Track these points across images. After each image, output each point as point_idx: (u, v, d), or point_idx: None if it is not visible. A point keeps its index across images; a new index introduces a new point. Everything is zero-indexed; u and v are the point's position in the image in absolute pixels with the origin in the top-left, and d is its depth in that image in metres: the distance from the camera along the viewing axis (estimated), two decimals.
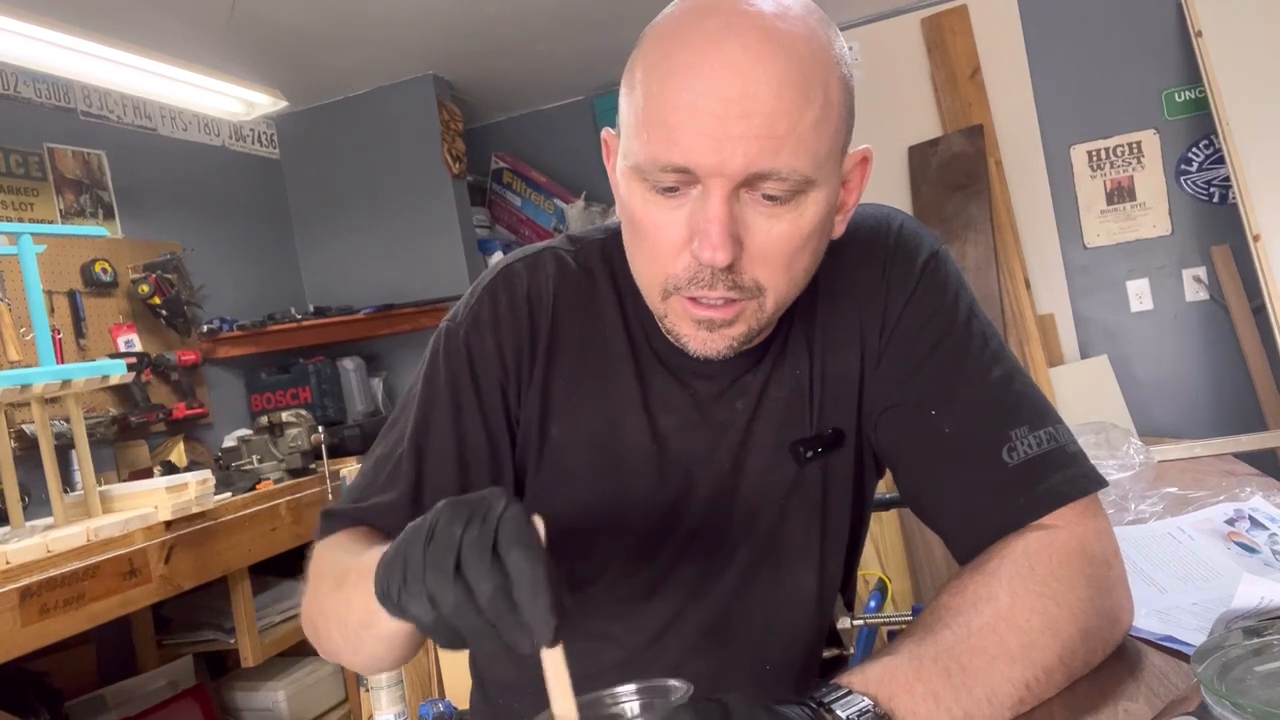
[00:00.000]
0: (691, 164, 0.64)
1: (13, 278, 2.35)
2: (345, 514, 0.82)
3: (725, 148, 0.63)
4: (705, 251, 0.65)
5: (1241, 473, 1.40)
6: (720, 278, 0.67)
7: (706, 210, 0.65)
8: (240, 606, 2.32)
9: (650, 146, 0.66)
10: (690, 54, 0.64)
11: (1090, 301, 3.27)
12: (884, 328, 0.80)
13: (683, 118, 0.63)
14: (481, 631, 0.52)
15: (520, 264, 0.85)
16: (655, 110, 0.65)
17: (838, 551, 0.86)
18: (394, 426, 0.85)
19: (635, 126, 0.68)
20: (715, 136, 0.63)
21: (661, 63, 0.66)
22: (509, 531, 0.52)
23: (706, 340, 0.71)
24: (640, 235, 0.71)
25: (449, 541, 0.53)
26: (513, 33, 3.08)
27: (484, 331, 0.82)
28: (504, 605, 0.51)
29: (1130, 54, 3.17)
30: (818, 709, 0.58)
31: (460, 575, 0.52)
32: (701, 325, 0.70)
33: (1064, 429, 0.76)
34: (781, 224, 0.67)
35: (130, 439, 2.66)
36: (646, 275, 0.73)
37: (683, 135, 0.64)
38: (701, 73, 0.63)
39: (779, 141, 0.63)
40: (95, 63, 2.31)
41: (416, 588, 0.53)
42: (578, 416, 0.82)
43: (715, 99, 0.62)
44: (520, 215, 3.89)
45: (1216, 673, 0.54)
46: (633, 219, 0.71)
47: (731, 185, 0.64)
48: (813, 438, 0.81)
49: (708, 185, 0.65)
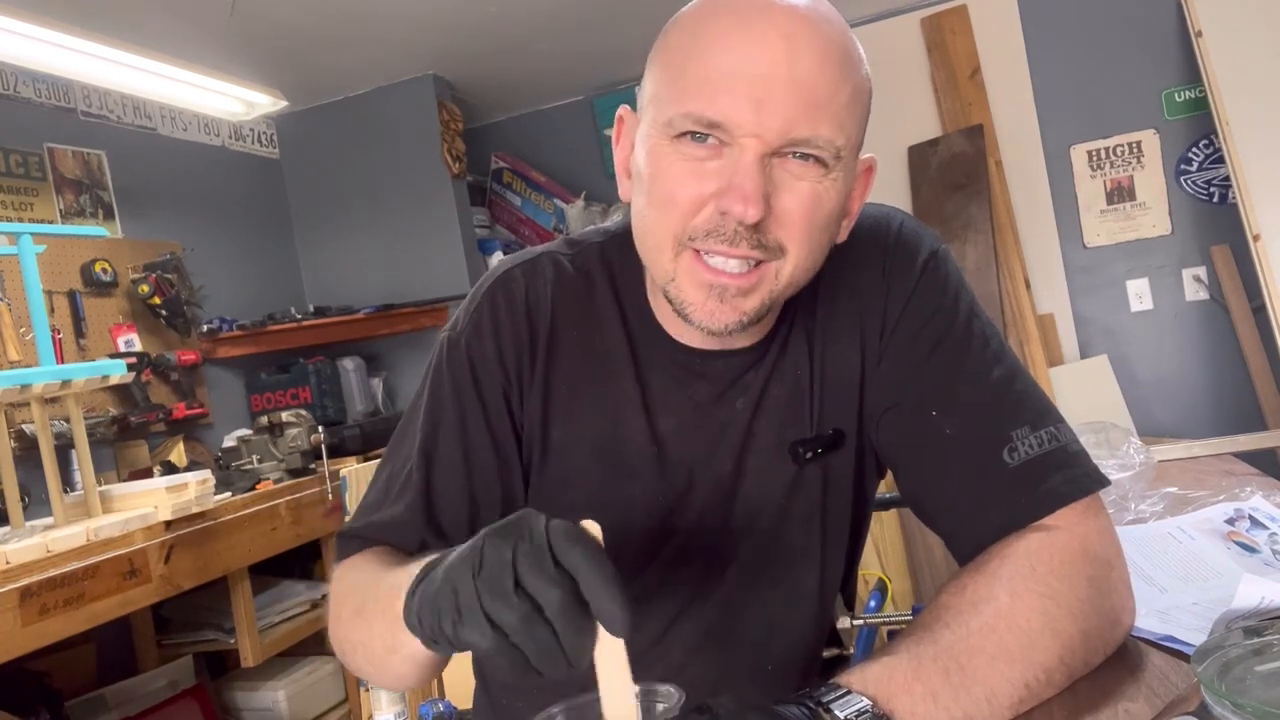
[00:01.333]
0: (730, 122, 0.65)
1: (13, 278, 2.35)
2: (361, 535, 0.83)
3: (766, 109, 0.64)
4: (737, 205, 0.65)
5: (1241, 473, 1.40)
6: (743, 234, 0.67)
7: (740, 166, 0.65)
8: (240, 606, 2.32)
9: (688, 102, 0.66)
10: (737, 19, 0.65)
11: (1090, 301, 3.27)
12: (884, 327, 0.80)
13: (725, 77, 0.64)
14: (547, 647, 0.51)
15: (518, 269, 0.85)
16: (697, 70, 0.66)
17: (838, 551, 0.86)
18: (402, 440, 0.85)
19: (672, 88, 0.68)
20: (758, 98, 0.64)
21: (704, 26, 0.67)
22: (563, 537, 0.52)
23: (715, 311, 0.70)
24: (659, 188, 0.69)
25: (501, 563, 0.52)
26: (513, 33, 3.08)
27: (484, 338, 0.82)
28: (573, 609, 0.50)
29: (1130, 54, 3.17)
30: (816, 708, 0.58)
31: (521, 591, 0.51)
32: (712, 293, 0.69)
33: (1066, 428, 0.75)
34: (805, 185, 0.67)
35: (130, 439, 2.66)
36: (659, 230, 0.71)
37: (723, 94, 0.64)
38: (747, 35, 0.64)
39: (818, 110, 0.65)
40: (95, 63, 2.31)
41: (474, 617, 0.52)
42: (578, 419, 0.82)
43: (761, 61, 0.64)
44: (520, 215, 3.89)
45: (1216, 673, 0.54)
46: (654, 174, 0.70)
47: (766, 149, 0.65)
48: (812, 438, 0.81)
49: (743, 146, 0.65)
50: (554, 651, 0.51)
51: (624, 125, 0.77)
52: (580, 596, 0.51)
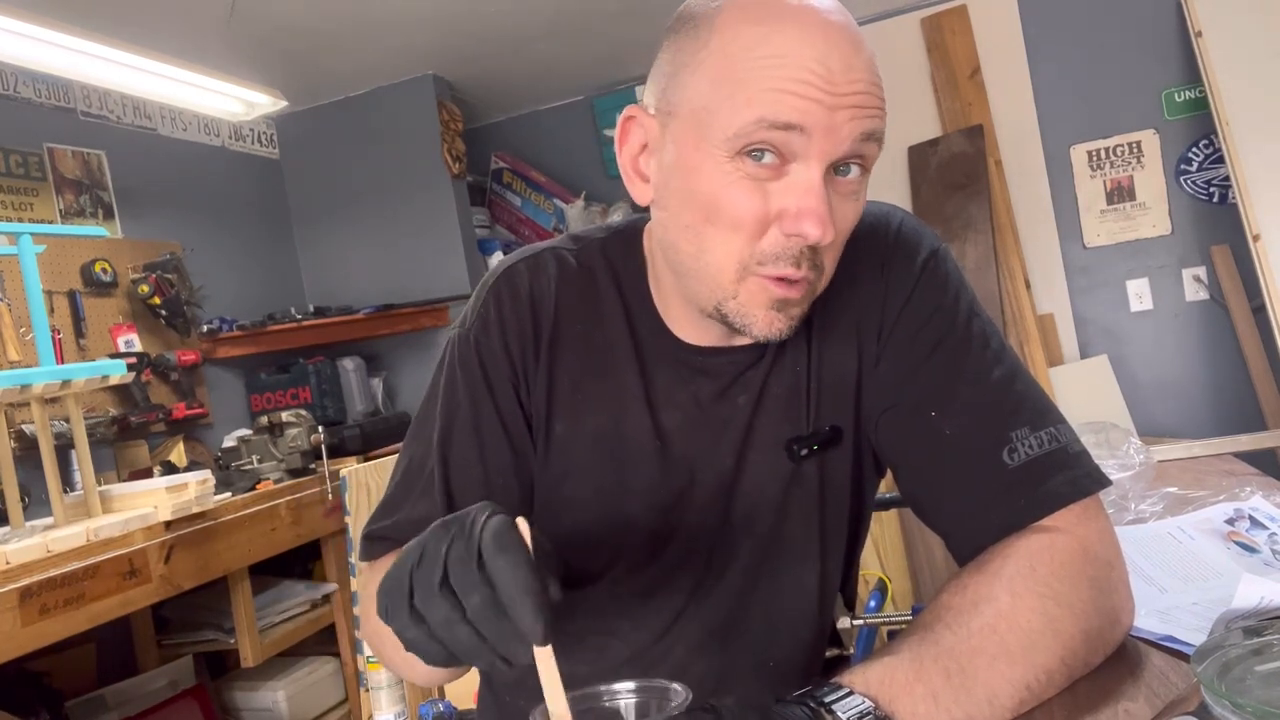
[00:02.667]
0: (807, 122, 0.64)
1: (13, 278, 2.35)
2: (385, 536, 0.84)
3: (837, 112, 0.65)
4: (814, 229, 0.65)
5: (1241, 472, 1.40)
6: (806, 256, 0.68)
7: (811, 183, 0.66)
8: (240, 606, 2.32)
9: (759, 109, 0.65)
10: (794, 29, 0.65)
11: (1090, 301, 3.27)
12: (883, 327, 0.80)
13: (796, 82, 0.64)
14: (470, 646, 0.53)
15: (522, 264, 0.85)
16: (761, 77, 0.65)
17: (837, 550, 0.86)
18: (418, 437, 0.86)
19: (729, 98, 0.66)
20: (830, 100, 0.65)
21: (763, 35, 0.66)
22: (490, 541, 0.53)
23: (774, 321, 0.71)
24: (719, 211, 0.68)
25: (434, 559, 0.54)
26: (513, 33, 3.08)
27: (492, 333, 0.82)
28: (491, 614, 0.52)
29: (1130, 54, 3.17)
30: (818, 709, 0.58)
31: (447, 590, 0.53)
32: (774, 306, 0.70)
33: (1066, 429, 0.75)
34: (850, 204, 0.70)
35: (130, 439, 2.66)
36: (721, 253, 0.69)
37: (797, 98, 0.64)
38: (812, 44, 0.65)
39: (876, 112, 0.68)
40: (95, 63, 2.31)
41: (403, 608, 0.55)
42: (581, 413, 0.82)
43: (828, 69, 0.65)
44: (520, 215, 3.89)
45: (1216, 673, 0.54)
46: (711, 195, 0.68)
47: (834, 157, 0.66)
48: (808, 435, 0.81)
49: (809, 160, 0.66)
50: (477, 650, 0.53)
51: (634, 124, 0.75)
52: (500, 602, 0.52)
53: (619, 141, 0.76)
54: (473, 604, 0.52)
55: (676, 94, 0.70)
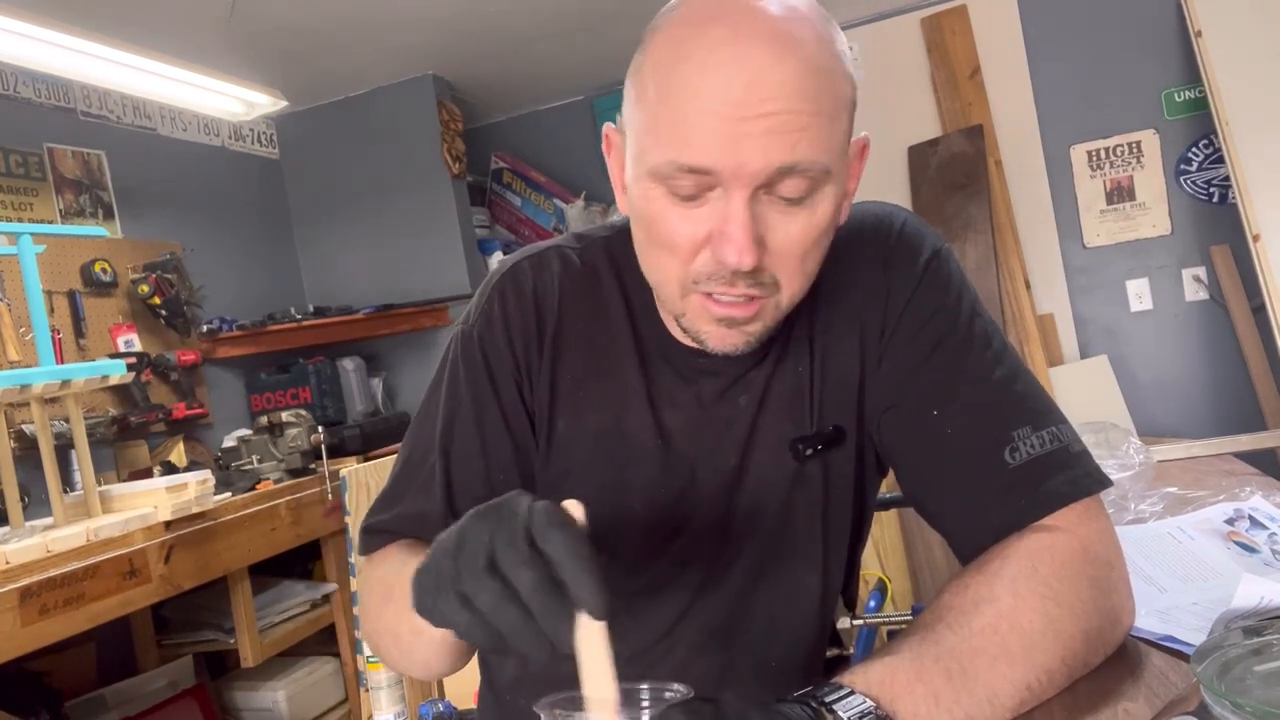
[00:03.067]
0: (712, 165, 0.64)
1: (13, 278, 2.35)
2: (384, 529, 0.84)
3: (744, 148, 0.63)
4: (731, 256, 0.65)
5: (1241, 472, 1.40)
6: (741, 277, 0.68)
7: (730, 213, 0.65)
8: (240, 606, 2.32)
9: (667, 149, 0.65)
10: (701, 58, 0.64)
11: (1090, 301, 3.27)
12: (885, 327, 0.80)
13: (697, 120, 0.63)
14: (520, 628, 0.52)
15: (526, 262, 0.86)
16: (669, 113, 0.65)
17: (840, 550, 0.86)
18: (420, 431, 0.86)
19: (647, 128, 0.67)
20: (734, 137, 0.63)
21: (672, 66, 0.65)
22: (542, 519, 0.53)
23: (725, 336, 0.72)
24: (656, 235, 0.70)
25: (477, 542, 0.54)
26: (513, 33, 3.08)
27: (496, 330, 0.83)
28: (546, 590, 0.51)
29: (1130, 54, 3.17)
30: (818, 709, 0.58)
31: (495, 571, 0.52)
32: (721, 322, 0.71)
33: (1068, 429, 0.75)
34: (798, 222, 0.67)
35: (130, 439, 2.66)
36: (664, 275, 0.72)
37: (701, 138, 0.63)
38: (714, 76, 0.63)
39: (796, 136, 0.63)
40: (95, 63, 2.31)
41: (449, 593, 0.54)
42: (583, 412, 0.83)
43: (729, 102, 0.62)
44: (520, 215, 3.89)
45: (1216, 672, 0.54)
46: (648, 220, 0.70)
47: (753, 186, 0.64)
48: (812, 435, 0.81)
49: (729, 188, 0.65)
50: (528, 632, 0.52)
51: (612, 143, 0.76)
52: (555, 579, 0.52)
53: (606, 156, 0.78)
54: (525, 581, 0.51)
55: (625, 116, 0.72)
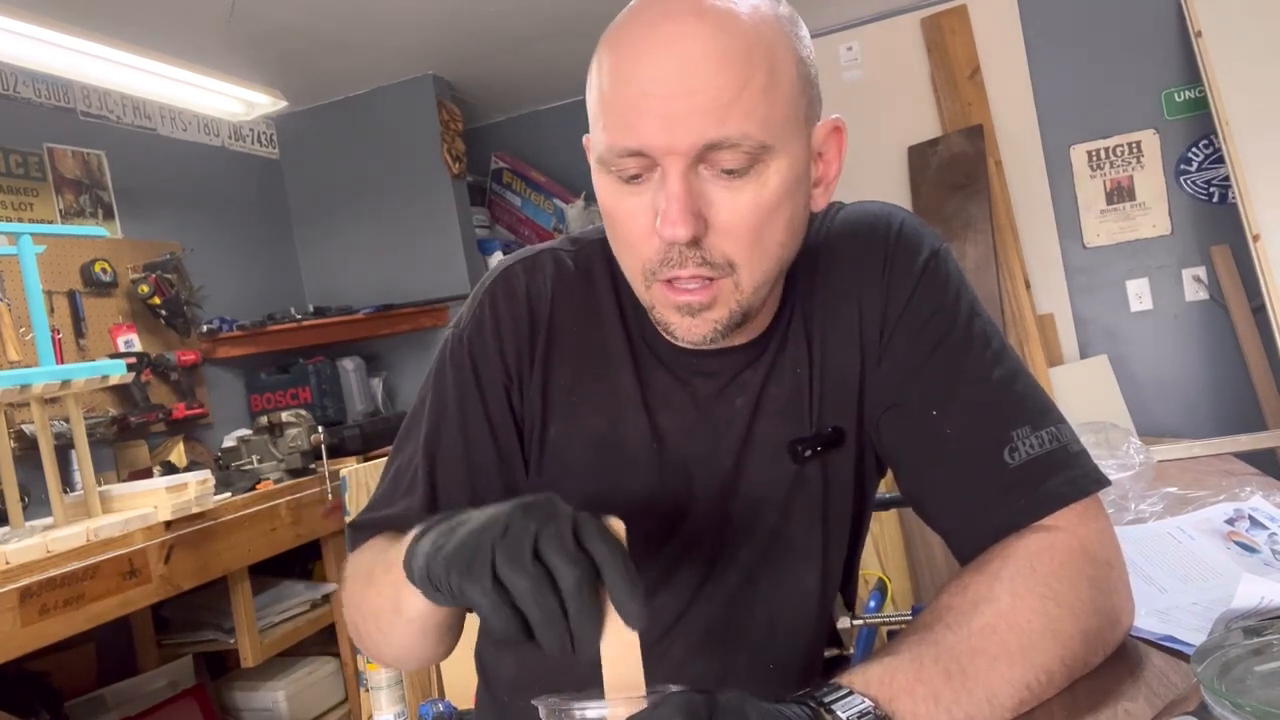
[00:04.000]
0: (644, 146, 0.66)
1: (13, 278, 2.35)
2: (369, 524, 0.85)
3: (674, 125, 0.65)
4: (666, 229, 0.66)
5: (1241, 473, 1.40)
6: (689, 255, 0.68)
7: (665, 189, 0.67)
8: (240, 606, 2.32)
9: (607, 135, 0.68)
10: (631, 43, 0.67)
11: (1090, 301, 3.27)
12: (884, 327, 0.80)
13: (631, 103, 0.66)
14: (553, 620, 0.53)
15: (519, 265, 0.86)
16: (609, 102, 0.68)
17: (839, 550, 0.86)
18: (409, 435, 0.87)
19: (594, 120, 0.71)
20: (663, 116, 0.65)
21: (609, 56, 0.69)
22: (591, 526, 0.55)
23: (691, 326, 0.72)
24: (614, 226, 0.73)
25: (524, 532, 0.54)
26: (513, 33, 3.08)
27: (486, 335, 0.83)
28: (586, 591, 0.53)
29: (1130, 54, 3.17)
30: (818, 709, 0.58)
31: (538, 561, 0.53)
32: (683, 311, 0.71)
33: (1067, 429, 0.75)
34: (744, 196, 0.68)
35: (130, 439, 2.66)
36: (627, 265, 0.74)
37: (633, 120, 0.66)
38: (643, 59, 0.66)
39: (725, 110, 0.65)
40: (95, 63, 2.31)
41: (483, 574, 0.54)
42: (577, 416, 0.83)
43: (657, 82, 0.65)
44: (520, 215, 3.90)
45: (1216, 672, 0.54)
46: (606, 211, 0.73)
47: (686, 161, 0.66)
48: (811, 437, 0.81)
49: (664, 165, 0.67)
50: (556, 626, 0.53)
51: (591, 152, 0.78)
52: (595, 583, 0.53)
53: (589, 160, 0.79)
54: (568, 578, 0.53)
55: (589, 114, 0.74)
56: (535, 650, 0.54)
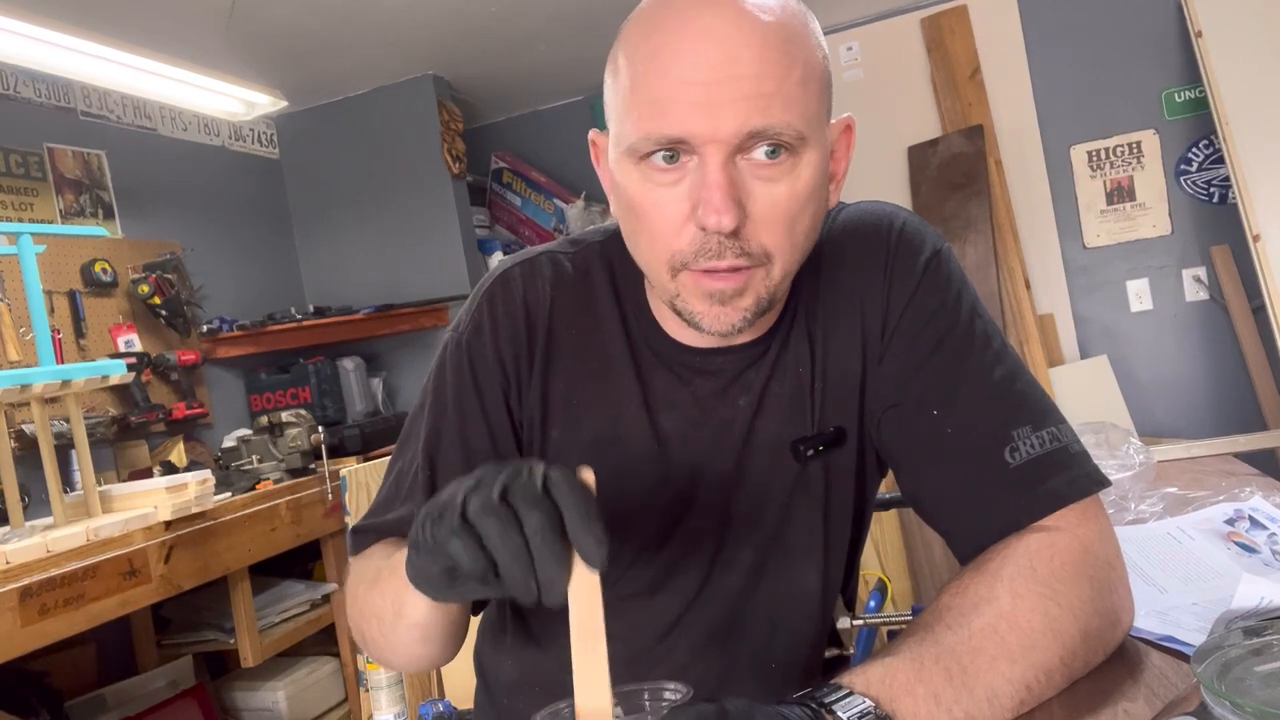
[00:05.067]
0: (686, 133, 0.65)
1: (13, 278, 2.35)
2: (371, 529, 0.85)
3: (717, 113, 0.64)
4: (710, 217, 0.65)
5: (1241, 473, 1.39)
6: (728, 245, 0.67)
7: (706, 176, 0.66)
8: (240, 606, 2.32)
9: (643, 124, 0.67)
10: (671, 30, 0.66)
11: (1090, 301, 3.27)
12: (885, 326, 0.80)
13: (672, 91, 0.65)
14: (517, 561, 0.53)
15: (516, 268, 0.86)
16: (644, 89, 0.67)
17: (840, 550, 0.86)
18: (408, 440, 0.87)
19: (624, 109, 0.69)
20: (707, 103, 0.64)
21: (643, 44, 0.68)
22: (558, 475, 0.55)
23: (720, 314, 0.71)
24: (641, 217, 0.71)
25: (492, 480, 0.56)
26: (513, 33, 3.08)
27: (484, 338, 0.83)
28: (549, 534, 0.53)
29: (1130, 54, 3.17)
30: (818, 709, 0.58)
31: (505, 505, 0.54)
32: (714, 299, 0.70)
33: (1067, 429, 0.75)
34: (780, 186, 0.68)
35: (130, 439, 2.66)
36: (652, 257, 0.72)
37: (674, 107, 0.65)
38: (685, 46, 0.65)
39: (768, 99, 0.65)
40: (95, 63, 2.31)
41: (454, 517, 0.55)
42: (578, 418, 0.83)
43: (701, 68, 0.64)
44: (520, 215, 3.89)
45: (1216, 673, 0.54)
46: (631, 203, 0.71)
47: (728, 150, 0.65)
48: (814, 436, 0.81)
49: (704, 153, 0.66)
50: (521, 567, 0.53)
51: (598, 148, 0.78)
52: (561, 528, 0.54)
53: (595, 164, 0.79)
54: (533, 520, 0.53)
55: (607, 109, 0.73)
56: (534, 650, 0.54)
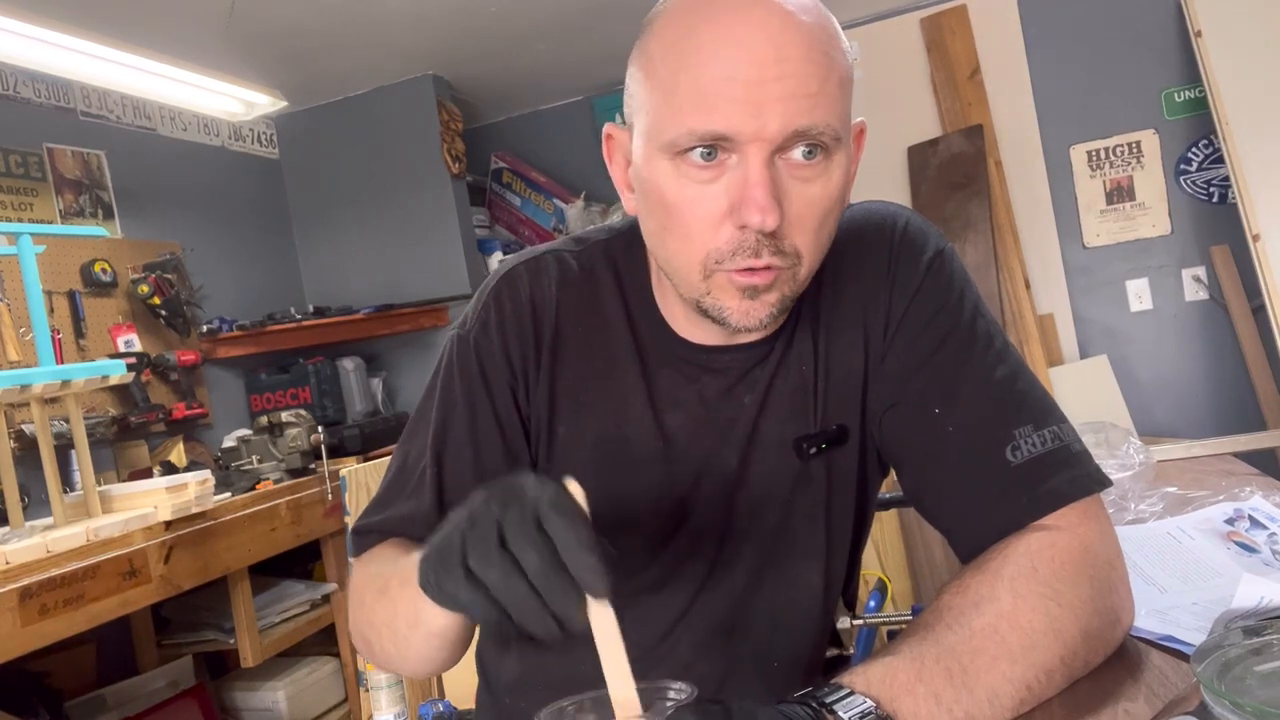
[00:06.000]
0: (731, 130, 0.65)
1: (13, 278, 2.35)
2: (376, 529, 0.85)
3: (764, 111, 0.64)
4: (754, 216, 0.65)
5: (1241, 473, 1.39)
6: (765, 244, 0.67)
7: (749, 175, 0.65)
8: (240, 606, 2.32)
9: (686, 119, 0.66)
10: (718, 26, 0.65)
11: (1090, 301, 3.27)
12: (888, 325, 0.80)
13: (720, 87, 0.65)
14: (527, 605, 0.53)
15: (522, 266, 0.86)
16: (690, 85, 0.66)
17: (842, 549, 0.87)
18: (414, 435, 0.87)
19: (662, 103, 0.68)
20: (754, 101, 0.64)
21: (687, 38, 0.67)
22: (548, 504, 0.54)
23: (750, 309, 0.70)
24: (673, 214, 0.70)
25: (488, 521, 0.55)
26: (513, 33, 3.08)
27: (491, 336, 0.83)
28: (551, 571, 0.53)
29: (1130, 54, 3.17)
30: (819, 709, 0.58)
31: (505, 550, 0.54)
32: (745, 294, 0.70)
33: (1068, 428, 0.76)
34: (814, 187, 0.68)
35: (130, 439, 2.66)
36: (683, 256, 0.71)
37: (721, 104, 0.65)
38: (733, 42, 0.65)
39: (813, 100, 0.65)
40: (95, 63, 2.31)
41: (458, 570, 0.55)
42: (583, 416, 0.83)
43: (750, 65, 0.64)
44: (520, 215, 3.89)
45: (1216, 672, 0.54)
46: (664, 199, 0.70)
47: (770, 148, 0.65)
48: (816, 434, 0.81)
49: (746, 151, 0.65)
50: (535, 609, 0.53)
51: (614, 142, 0.77)
52: (560, 561, 0.53)
53: (607, 160, 0.78)
54: (532, 562, 0.53)
55: (633, 103, 0.72)
56: (536, 649, 0.54)
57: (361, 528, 0.86)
